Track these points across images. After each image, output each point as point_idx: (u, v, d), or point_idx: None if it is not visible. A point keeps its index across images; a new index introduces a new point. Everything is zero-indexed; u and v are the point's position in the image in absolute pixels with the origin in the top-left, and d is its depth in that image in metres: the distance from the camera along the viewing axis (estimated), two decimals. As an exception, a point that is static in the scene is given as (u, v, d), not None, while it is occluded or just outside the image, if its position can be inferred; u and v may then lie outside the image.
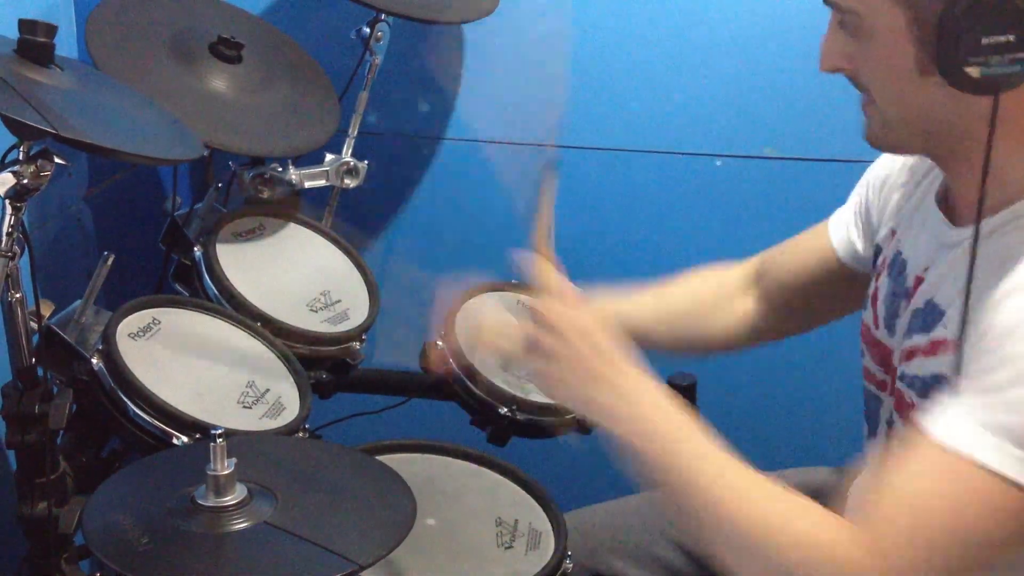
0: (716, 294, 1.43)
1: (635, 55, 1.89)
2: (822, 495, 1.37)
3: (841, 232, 1.30)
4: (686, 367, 1.68)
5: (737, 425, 1.94)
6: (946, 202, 1.08)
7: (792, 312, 1.39)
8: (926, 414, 0.94)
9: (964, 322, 0.94)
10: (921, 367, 1.05)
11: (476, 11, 1.80)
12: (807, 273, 1.34)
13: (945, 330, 1.02)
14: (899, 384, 1.10)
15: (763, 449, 2.06)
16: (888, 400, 1.15)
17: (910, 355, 1.07)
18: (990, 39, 0.87)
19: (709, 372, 1.70)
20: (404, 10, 1.62)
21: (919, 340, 1.06)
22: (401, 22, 1.68)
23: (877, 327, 1.16)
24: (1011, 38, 0.87)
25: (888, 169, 1.22)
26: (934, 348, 1.03)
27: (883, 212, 1.21)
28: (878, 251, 1.21)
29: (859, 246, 1.27)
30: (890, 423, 1.14)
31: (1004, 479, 0.88)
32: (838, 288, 1.31)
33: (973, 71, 0.88)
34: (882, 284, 1.16)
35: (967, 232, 1.00)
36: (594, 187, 1.95)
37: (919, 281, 1.09)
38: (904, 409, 1.08)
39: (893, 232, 1.17)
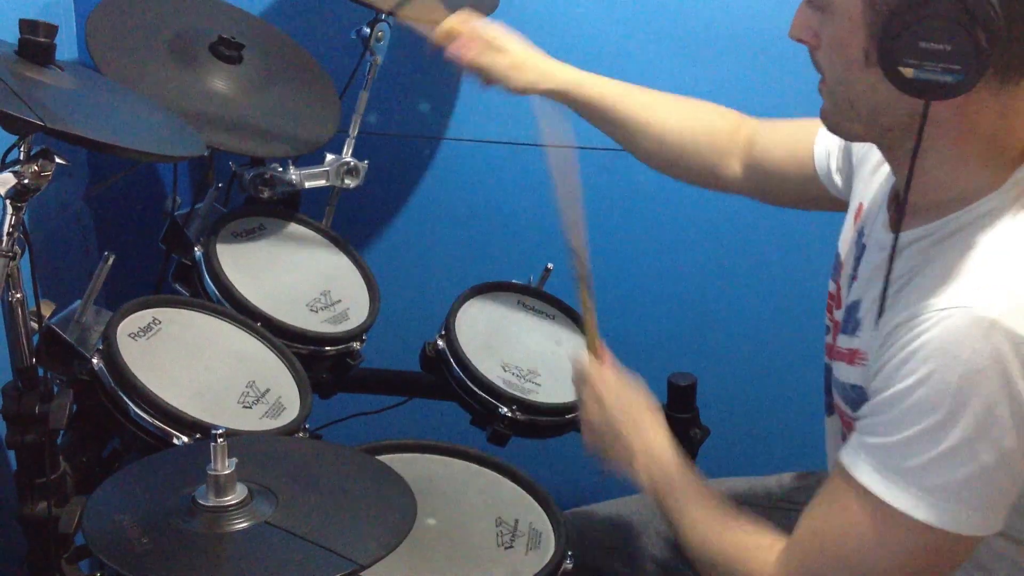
0: (715, 145, 1.42)
1: (635, 55, 1.89)
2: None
3: (823, 156, 1.28)
4: (686, 367, 1.69)
5: (737, 425, 1.97)
6: (895, 203, 1.07)
7: (771, 192, 1.40)
8: (845, 444, 0.98)
9: (875, 336, 0.96)
10: (843, 373, 1.06)
11: (476, 11, 1.80)
12: (785, 169, 1.34)
13: (859, 340, 1.03)
14: (833, 385, 1.11)
15: (763, 449, 2.08)
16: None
17: (839, 357, 1.08)
18: (928, 44, 0.87)
19: (709, 372, 1.70)
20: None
21: (843, 344, 1.07)
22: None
23: (839, 307, 1.16)
24: (948, 48, 0.87)
25: None
26: (851, 356, 1.04)
27: (861, 168, 1.19)
28: (850, 213, 1.20)
29: (838, 181, 1.26)
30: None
31: (898, 512, 0.91)
32: (813, 193, 1.31)
33: (906, 71, 0.89)
34: (847, 261, 1.15)
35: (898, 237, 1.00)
36: (594, 187, 1.95)
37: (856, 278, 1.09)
38: (839, 412, 1.09)
39: (861, 206, 1.17)
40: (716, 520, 1.09)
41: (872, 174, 1.16)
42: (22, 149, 1.09)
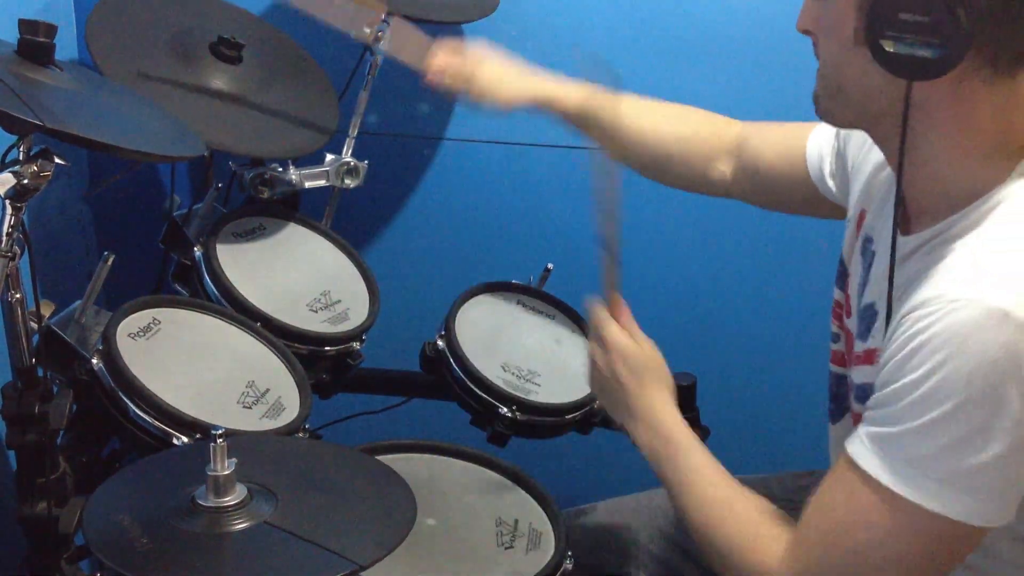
0: (704, 148, 1.42)
1: (635, 56, 1.89)
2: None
3: (815, 158, 1.28)
4: (686, 367, 1.69)
5: (737, 425, 1.96)
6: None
7: (762, 195, 1.40)
8: (851, 436, 0.97)
9: (885, 334, 0.96)
10: (860, 374, 1.06)
11: (476, 11, 1.80)
12: (777, 172, 1.34)
13: (874, 340, 1.03)
14: (852, 390, 1.10)
15: (763, 449, 2.08)
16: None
17: (857, 360, 1.08)
18: (907, 15, 0.88)
19: (709, 372, 1.70)
20: (404, 10, 1.62)
21: (860, 346, 1.07)
22: (401, 22, 1.68)
23: (848, 315, 1.15)
24: (926, 20, 0.87)
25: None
26: (869, 357, 1.04)
27: (859, 174, 1.19)
28: (850, 221, 1.20)
29: (832, 185, 1.26)
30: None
31: (907, 502, 0.91)
32: (805, 196, 1.31)
33: (887, 44, 0.89)
34: (854, 270, 1.15)
35: (908, 240, 0.99)
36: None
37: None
38: (855, 417, 1.09)
39: (863, 213, 1.16)
40: (720, 503, 1.07)
41: (874, 176, 1.15)
42: (22, 149, 1.09)
